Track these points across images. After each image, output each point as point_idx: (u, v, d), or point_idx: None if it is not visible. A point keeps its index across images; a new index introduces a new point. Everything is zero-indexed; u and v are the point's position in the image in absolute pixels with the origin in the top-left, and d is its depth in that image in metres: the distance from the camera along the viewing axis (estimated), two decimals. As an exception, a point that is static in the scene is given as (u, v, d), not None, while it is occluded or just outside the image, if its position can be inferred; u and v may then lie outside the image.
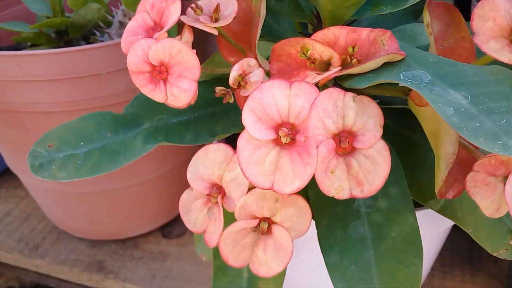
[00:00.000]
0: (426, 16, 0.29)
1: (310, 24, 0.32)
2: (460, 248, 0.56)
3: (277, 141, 0.24)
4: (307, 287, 0.45)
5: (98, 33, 0.47)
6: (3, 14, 0.51)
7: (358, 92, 0.25)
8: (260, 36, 0.35)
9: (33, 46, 0.46)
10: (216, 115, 0.32)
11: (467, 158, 0.29)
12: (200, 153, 0.28)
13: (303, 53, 0.25)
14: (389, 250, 0.28)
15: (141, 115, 0.31)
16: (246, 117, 0.24)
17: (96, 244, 0.57)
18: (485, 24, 0.25)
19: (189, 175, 0.28)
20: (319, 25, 0.31)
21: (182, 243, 0.57)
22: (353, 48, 0.25)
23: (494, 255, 0.32)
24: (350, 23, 0.33)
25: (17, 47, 0.48)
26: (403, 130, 0.33)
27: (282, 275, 0.32)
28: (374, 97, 0.35)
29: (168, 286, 0.52)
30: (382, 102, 0.33)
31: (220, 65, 0.32)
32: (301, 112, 0.23)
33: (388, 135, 0.33)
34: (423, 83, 0.23)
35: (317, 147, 0.23)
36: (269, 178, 0.24)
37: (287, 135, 0.23)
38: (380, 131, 0.24)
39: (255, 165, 0.24)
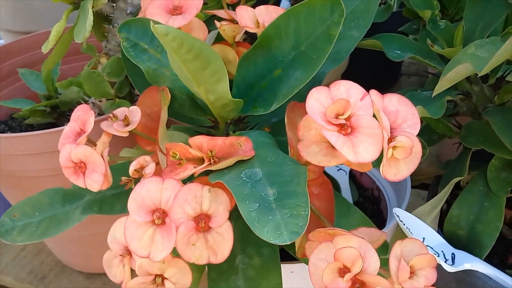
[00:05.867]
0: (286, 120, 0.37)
1: (210, 121, 0.41)
2: None
3: (153, 222, 0.33)
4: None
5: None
6: (10, 89, 0.63)
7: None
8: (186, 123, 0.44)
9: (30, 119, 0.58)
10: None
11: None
12: (116, 223, 0.38)
13: (173, 156, 0.34)
14: (257, 299, 0.37)
15: (84, 190, 0.41)
16: (130, 204, 0.33)
17: (91, 276, 0.67)
18: (309, 133, 0.33)
19: (109, 239, 0.38)
20: (216, 122, 0.40)
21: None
22: (211, 151, 0.34)
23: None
24: (243, 117, 0.42)
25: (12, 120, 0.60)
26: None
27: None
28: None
29: (144, 314, 0.61)
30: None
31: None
32: (168, 201, 0.33)
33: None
34: (254, 180, 0.32)
35: (177, 228, 0.32)
36: (147, 249, 0.33)
37: (159, 218, 0.32)
38: (227, 214, 0.33)
39: (137, 240, 0.33)
